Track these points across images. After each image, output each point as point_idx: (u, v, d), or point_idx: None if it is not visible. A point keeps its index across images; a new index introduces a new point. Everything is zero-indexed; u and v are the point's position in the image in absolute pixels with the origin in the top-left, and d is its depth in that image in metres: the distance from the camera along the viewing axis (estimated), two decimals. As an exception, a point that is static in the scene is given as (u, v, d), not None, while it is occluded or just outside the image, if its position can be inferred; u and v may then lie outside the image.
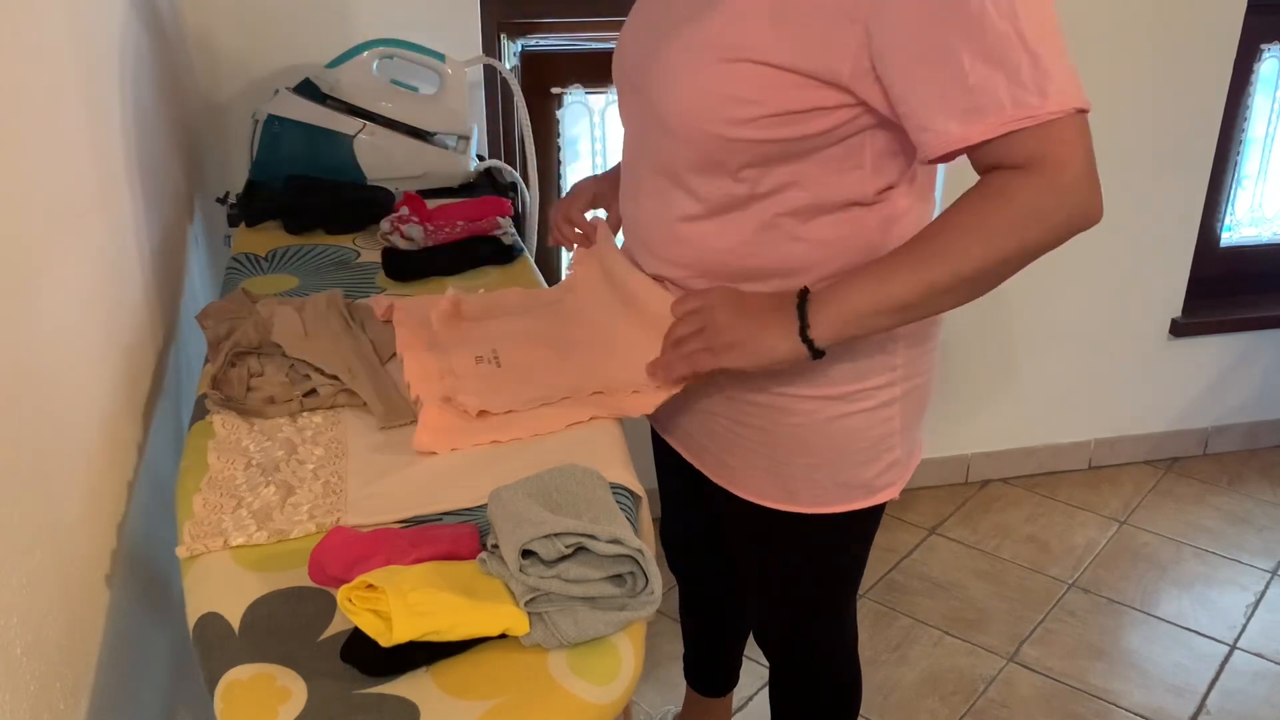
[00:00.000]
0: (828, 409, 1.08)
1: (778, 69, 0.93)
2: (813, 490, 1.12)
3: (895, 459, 1.14)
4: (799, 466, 1.11)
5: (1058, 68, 0.88)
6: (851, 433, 1.09)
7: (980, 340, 2.50)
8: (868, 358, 1.06)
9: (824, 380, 1.06)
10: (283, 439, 1.01)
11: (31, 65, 0.89)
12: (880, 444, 1.11)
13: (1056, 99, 0.87)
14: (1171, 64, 2.33)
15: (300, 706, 0.71)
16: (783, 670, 1.38)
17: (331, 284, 1.35)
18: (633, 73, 1.06)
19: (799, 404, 1.08)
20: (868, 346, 1.05)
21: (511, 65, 2.05)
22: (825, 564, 1.22)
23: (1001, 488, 2.65)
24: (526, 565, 0.76)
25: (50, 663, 0.78)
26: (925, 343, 1.12)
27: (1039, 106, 0.87)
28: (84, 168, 1.04)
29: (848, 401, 1.08)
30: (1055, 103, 0.87)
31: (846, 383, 1.07)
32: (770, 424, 1.10)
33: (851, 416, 1.08)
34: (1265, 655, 2.08)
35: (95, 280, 1.03)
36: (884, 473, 1.13)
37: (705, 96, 0.96)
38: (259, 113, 1.66)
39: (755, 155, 0.98)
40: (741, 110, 0.95)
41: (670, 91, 0.98)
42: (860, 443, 1.10)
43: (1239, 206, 2.68)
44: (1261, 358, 2.73)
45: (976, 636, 2.12)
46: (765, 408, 1.09)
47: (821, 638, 1.32)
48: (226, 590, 0.81)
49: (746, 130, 0.96)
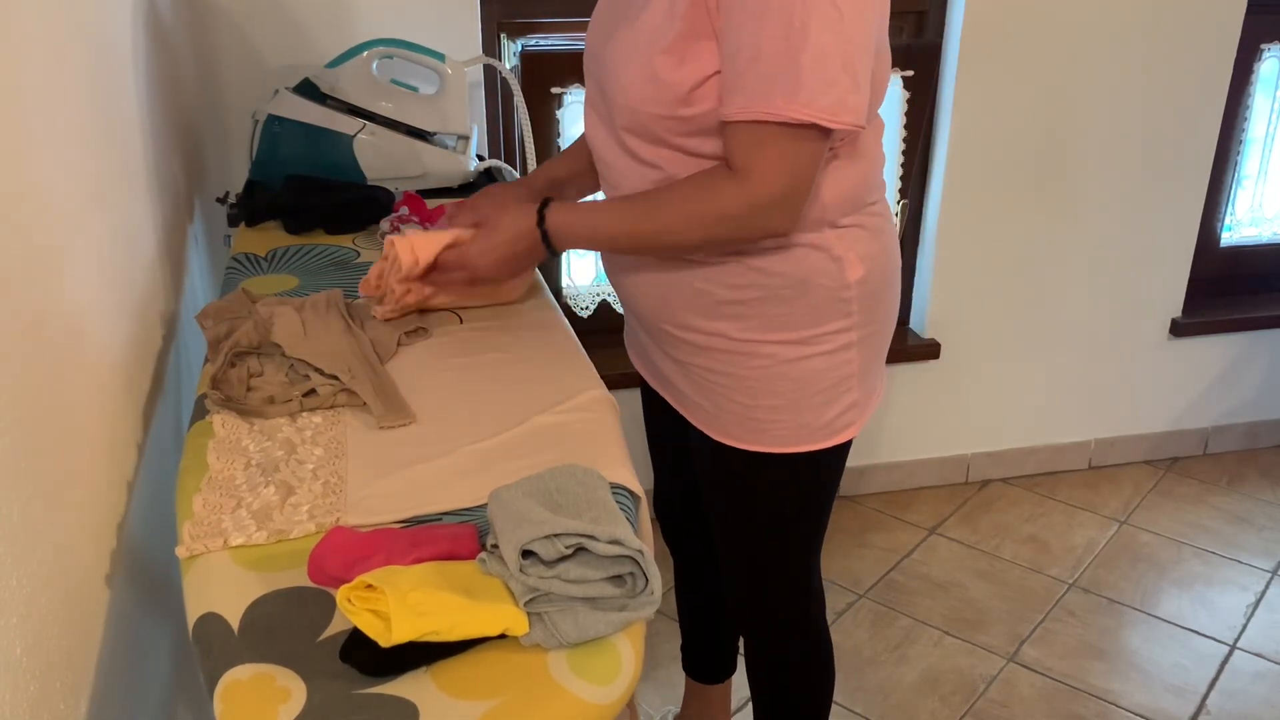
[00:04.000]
0: (789, 351, 1.17)
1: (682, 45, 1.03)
2: (778, 430, 1.20)
3: (854, 400, 1.22)
4: (765, 408, 1.19)
5: (820, 79, 0.97)
6: (813, 374, 1.18)
7: (980, 340, 2.50)
8: (826, 306, 1.15)
9: (786, 325, 1.16)
10: (282, 439, 1.01)
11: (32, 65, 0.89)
12: (839, 386, 1.20)
13: (798, 108, 0.97)
14: (1171, 64, 2.33)
15: (300, 706, 0.71)
16: (752, 637, 1.42)
17: (331, 284, 1.35)
18: (592, 64, 1.18)
19: (764, 348, 1.17)
20: (825, 296, 1.15)
21: (511, 65, 2.05)
22: (789, 505, 1.28)
23: (1001, 488, 2.65)
24: (526, 565, 0.76)
25: (50, 663, 0.78)
26: (881, 294, 1.20)
27: (780, 109, 0.98)
28: (84, 167, 1.04)
29: (807, 345, 1.17)
30: (792, 109, 0.98)
31: (806, 328, 1.16)
32: (739, 368, 1.19)
33: (812, 359, 1.17)
34: (1265, 655, 2.08)
35: (95, 280, 1.03)
36: (843, 413, 1.22)
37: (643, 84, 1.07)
38: (259, 113, 1.66)
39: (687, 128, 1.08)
40: (665, 92, 1.05)
41: (619, 82, 1.09)
42: (821, 384, 1.19)
43: (1239, 206, 2.68)
44: (1261, 358, 2.73)
45: (976, 636, 2.12)
46: (734, 354, 1.18)
47: (787, 594, 1.36)
48: (226, 590, 0.81)
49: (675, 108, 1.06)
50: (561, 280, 2.28)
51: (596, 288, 2.31)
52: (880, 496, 2.59)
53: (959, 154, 2.31)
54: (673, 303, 1.20)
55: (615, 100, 1.11)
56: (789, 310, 1.15)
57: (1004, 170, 2.35)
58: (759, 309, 1.15)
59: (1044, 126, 2.32)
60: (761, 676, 1.44)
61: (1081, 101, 2.32)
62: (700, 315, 1.18)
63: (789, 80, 0.97)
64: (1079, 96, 2.31)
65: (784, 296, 1.14)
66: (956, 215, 2.37)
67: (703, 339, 1.19)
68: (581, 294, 2.31)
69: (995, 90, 2.27)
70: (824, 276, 1.14)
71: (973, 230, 2.39)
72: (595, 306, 2.31)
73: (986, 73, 2.25)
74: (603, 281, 2.32)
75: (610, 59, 1.11)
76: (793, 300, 1.14)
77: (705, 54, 1.03)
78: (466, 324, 1.27)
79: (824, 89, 0.97)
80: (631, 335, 1.38)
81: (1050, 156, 2.36)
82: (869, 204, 1.17)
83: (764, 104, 0.98)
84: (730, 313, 1.16)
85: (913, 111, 2.29)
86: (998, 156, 2.33)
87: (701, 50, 1.03)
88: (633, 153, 1.13)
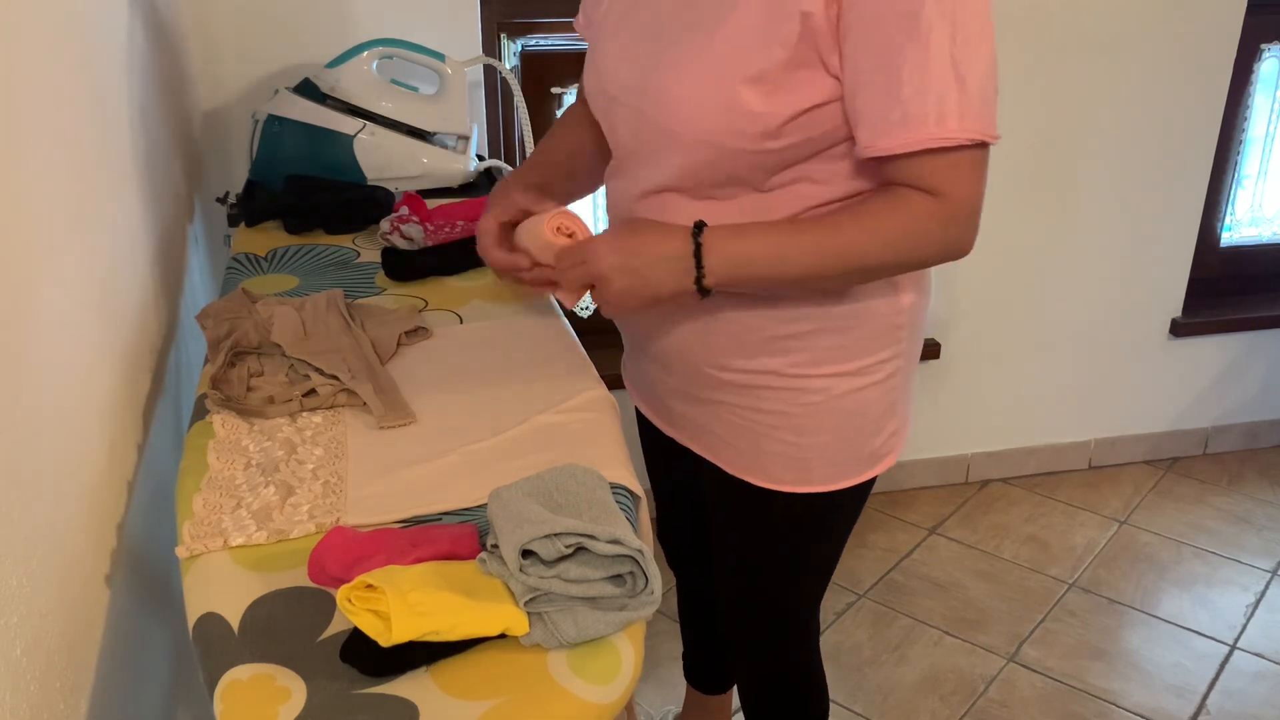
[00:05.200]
0: (843, 384, 1.10)
1: (779, 74, 0.94)
2: (828, 467, 1.14)
3: (896, 427, 1.17)
4: (814, 445, 1.12)
5: (979, 98, 0.93)
6: (864, 405, 1.12)
7: (980, 340, 2.50)
8: (880, 334, 1.09)
9: (842, 356, 1.09)
10: (282, 439, 1.01)
11: (31, 65, 0.89)
12: (887, 414, 1.15)
13: (970, 127, 0.93)
14: (1171, 64, 2.33)
15: (300, 706, 0.71)
16: (749, 673, 1.39)
17: (331, 284, 1.35)
18: (633, 96, 1.05)
19: (815, 382, 1.09)
20: (880, 324, 1.09)
21: (511, 65, 2.05)
22: (815, 544, 1.24)
23: (1001, 488, 2.65)
24: (526, 565, 0.76)
25: (50, 663, 0.78)
26: (922, 316, 1.15)
27: (955, 131, 0.92)
28: (84, 168, 1.04)
29: (861, 375, 1.10)
30: (967, 131, 0.93)
31: (860, 358, 1.09)
32: (786, 405, 1.11)
33: (865, 390, 1.11)
34: (1265, 655, 2.08)
35: (95, 280, 1.03)
36: (887, 440, 1.16)
37: (718, 114, 0.97)
38: (259, 113, 1.66)
39: (769, 162, 0.99)
40: (754, 124, 0.96)
41: (681, 111, 0.99)
42: (872, 413, 1.13)
43: (1239, 206, 2.68)
44: (1261, 358, 2.73)
45: (976, 636, 2.12)
46: (783, 390, 1.10)
47: (790, 633, 1.33)
48: (226, 590, 0.81)
49: (760, 142, 0.97)
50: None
51: (596, 288, 2.31)
52: (880, 496, 2.59)
53: (959, 154, 2.31)
54: (715, 344, 1.11)
55: (676, 135, 1.00)
56: (843, 341, 1.08)
57: (1004, 170, 2.35)
58: (810, 342, 1.08)
59: (1044, 126, 2.32)
60: (757, 706, 1.40)
61: (1081, 101, 2.31)
62: (743, 354, 1.10)
63: (962, 96, 0.92)
64: (1079, 96, 2.31)
65: (838, 327, 1.08)
66: (956, 215, 2.37)
67: (745, 378, 1.11)
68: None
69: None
70: (880, 304, 1.08)
71: (973, 230, 2.39)
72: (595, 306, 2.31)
73: (986, 73, 2.24)
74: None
75: (666, 86, 0.99)
76: (848, 331, 1.08)
77: (806, 85, 0.95)
78: (466, 324, 1.27)
79: (981, 107, 0.94)
80: (639, 375, 1.29)
81: (1050, 156, 2.36)
82: None
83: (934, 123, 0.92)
84: (777, 348, 1.09)
85: (913, 111, 2.28)
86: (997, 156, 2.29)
87: (802, 81, 0.95)
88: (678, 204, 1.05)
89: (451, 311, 1.30)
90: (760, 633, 1.33)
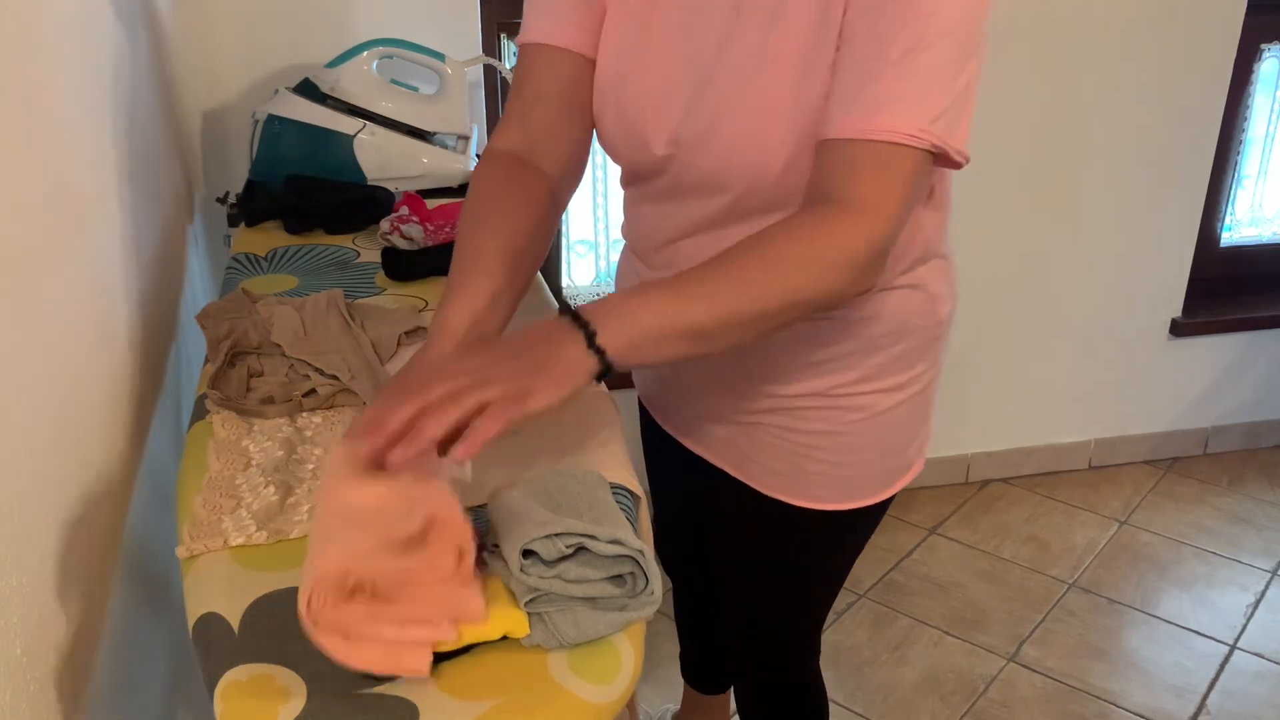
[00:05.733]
0: (884, 400, 1.08)
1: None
2: (867, 482, 1.12)
3: (925, 435, 1.17)
4: (855, 463, 1.10)
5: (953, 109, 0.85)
6: (903, 418, 1.11)
7: (981, 340, 2.50)
8: (921, 347, 1.08)
9: (884, 373, 1.07)
10: (283, 439, 1.01)
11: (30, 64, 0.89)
12: (920, 425, 1.14)
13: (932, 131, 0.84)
14: (1171, 64, 2.33)
15: (300, 706, 0.71)
16: (750, 687, 1.38)
17: (331, 284, 1.34)
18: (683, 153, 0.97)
19: (857, 399, 1.07)
20: (921, 338, 1.07)
21: (511, 65, 2.05)
22: (850, 556, 1.23)
23: (1001, 488, 2.65)
24: (527, 565, 0.76)
25: (50, 663, 0.78)
26: (952, 326, 1.14)
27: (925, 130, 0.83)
28: (84, 168, 1.04)
29: (901, 390, 1.09)
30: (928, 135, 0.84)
31: (901, 372, 1.07)
32: (831, 424, 1.08)
33: (905, 404, 1.10)
34: (1265, 655, 2.08)
35: (95, 280, 1.03)
36: (919, 450, 1.16)
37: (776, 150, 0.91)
38: (259, 113, 1.66)
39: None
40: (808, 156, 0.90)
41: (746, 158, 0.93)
42: (909, 426, 1.12)
43: (1239, 206, 2.68)
44: (1261, 358, 2.73)
45: (976, 636, 2.12)
46: (826, 410, 1.07)
47: (795, 650, 1.32)
48: (226, 590, 0.81)
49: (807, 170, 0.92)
50: (561, 280, 2.28)
51: (596, 288, 2.31)
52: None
53: (959, 154, 2.31)
54: (754, 372, 1.07)
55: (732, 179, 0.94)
56: (886, 358, 1.05)
57: (1004, 170, 2.35)
58: (853, 362, 1.05)
59: (1044, 126, 2.32)
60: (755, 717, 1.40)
61: (1081, 101, 2.31)
62: (784, 381, 1.06)
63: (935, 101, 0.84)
64: (1079, 96, 2.31)
65: (882, 345, 1.05)
66: (956, 215, 2.35)
67: (786, 401, 1.08)
68: (582, 294, 2.31)
69: (995, 90, 2.27)
70: (921, 317, 1.06)
71: (973, 230, 2.39)
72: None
73: (987, 73, 2.23)
74: (603, 281, 2.31)
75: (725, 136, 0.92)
76: (890, 347, 1.05)
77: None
78: (466, 324, 1.27)
79: (956, 118, 0.85)
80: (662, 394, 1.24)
81: (1050, 156, 2.36)
82: (947, 230, 1.11)
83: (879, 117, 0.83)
84: (818, 372, 1.05)
85: (913, 111, 2.28)
86: (997, 156, 2.33)
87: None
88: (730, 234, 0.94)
89: (451, 311, 1.29)
90: (766, 650, 1.32)
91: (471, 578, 0.73)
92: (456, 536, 0.71)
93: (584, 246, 2.29)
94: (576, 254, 2.27)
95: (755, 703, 1.39)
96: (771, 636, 1.31)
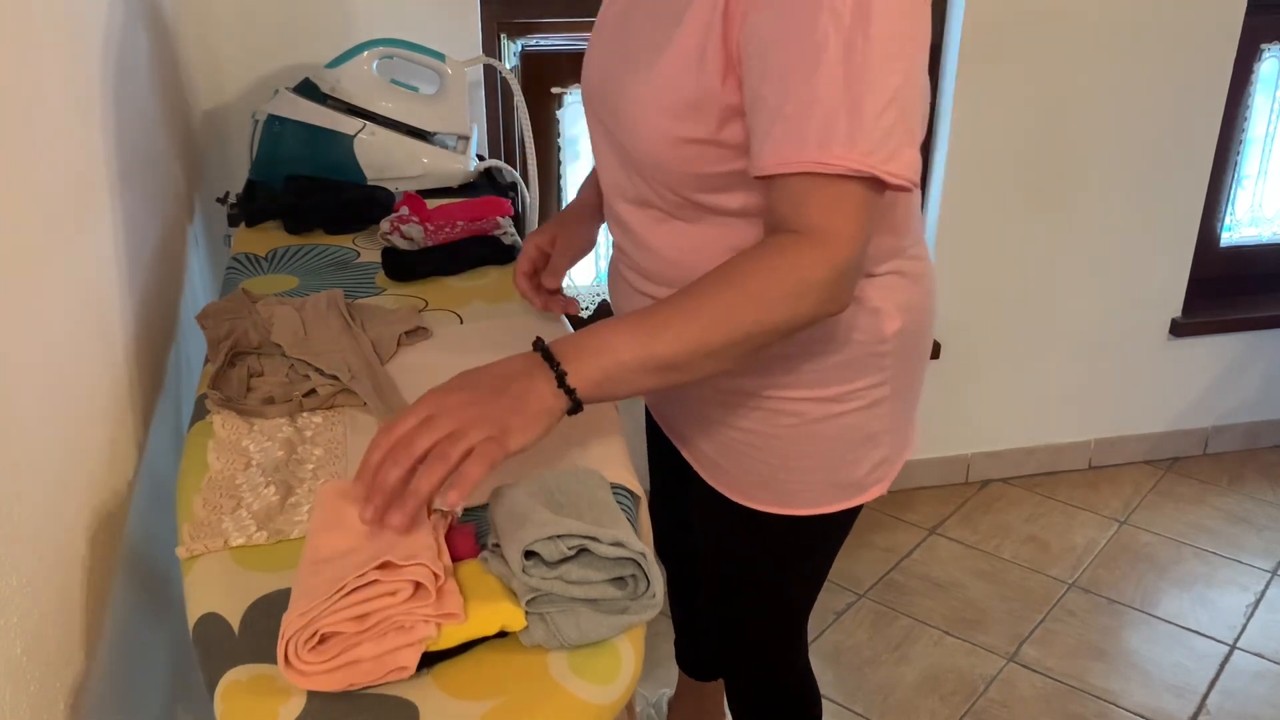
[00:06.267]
0: (819, 409, 1.08)
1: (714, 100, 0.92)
2: (808, 492, 1.13)
3: (884, 456, 1.15)
4: (794, 470, 1.11)
5: (876, 126, 0.84)
6: (843, 431, 1.10)
7: (980, 340, 2.50)
8: (860, 361, 1.07)
9: (816, 382, 1.07)
10: (283, 439, 1.01)
11: (31, 64, 0.89)
12: (870, 441, 1.12)
13: (856, 157, 0.84)
14: (1171, 64, 2.33)
15: (300, 707, 0.71)
16: (737, 685, 1.38)
17: (331, 284, 1.34)
18: (598, 106, 1.06)
19: (792, 405, 1.08)
20: (859, 352, 1.06)
21: (511, 65, 2.05)
22: (806, 564, 1.23)
23: (1001, 488, 2.65)
24: (529, 566, 0.76)
25: (50, 663, 0.78)
26: (918, 344, 1.12)
27: (838, 159, 0.84)
28: (84, 167, 1.04)
29: (839, 402, 1.08)
30: (851, 161, 0.84)
31: (838, 384, 1.07)
32: (764, 426, 1.10)
33: (844, 416, 1.09)
34: (1265, 655, 2.08)
35: (95, 280, 1.03)
36: (874, 470, 1.15)
37: (664, 140, 0.96)
38: (259, 113, 1.66)
39: (717, 183, 0.98)
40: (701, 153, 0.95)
41: (634, 133, 0.99)
42: (852, 441, 1.11)
43: (1239, 206, 2.68)
44: (1261, 358, 2.73)
45: (976, 636, 2.12)
46: (760, 411, 1.09)
47: (777, 649, 1.32)
48: (226, 590, 0.81)
49: (703, 166, 0.97)
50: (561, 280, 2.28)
51: (597, 287, 2.31)
52: (880, 496, 2.59)
53: (959, 154, 2.31)
54: None
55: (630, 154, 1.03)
56: (821, 367, 1.06)
57: (1004, 170, 2.35)
58: (788, 365, 1.06)
59: (1044, 127, 2.32)
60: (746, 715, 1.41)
61: (1081, 102, 2.31)
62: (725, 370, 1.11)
63: (850, 125, 0.84)
64: (1079, 97, 2.31)
65: (815, 353, 1.05)
66: (956, 215, 2.37)
67: (724, 397, 1.11)
68: (581, 294, 2.31)
69: (995, 91, 2.27)
70: (860, 332, 1.05)
71: (973, 230, 2.39)
72: (595, 306, 2.31)
73: (986, 73, 2.25)
74: (603, 281, 2.32)
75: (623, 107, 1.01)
76: (825, 357, 1.05)
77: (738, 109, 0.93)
78: (466, 324, 1.27)
79: (885, 136, 0.84)
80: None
81: (1050, 156, 2.36)
82: (906, 246, 1.07)
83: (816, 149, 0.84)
84: (757, 369, 1.07)
85: (913, 111, 2.28)
86: (997, 156, 2.33)
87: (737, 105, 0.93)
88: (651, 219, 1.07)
89: (451, 311, 1.30)
90: (746, 649, 1.33)
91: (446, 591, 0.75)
92: (415, 575, 0.73)
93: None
94: (576, 254, 2.27)
95: (742, 699, 1.39)
96: (747, 635, 1.31)
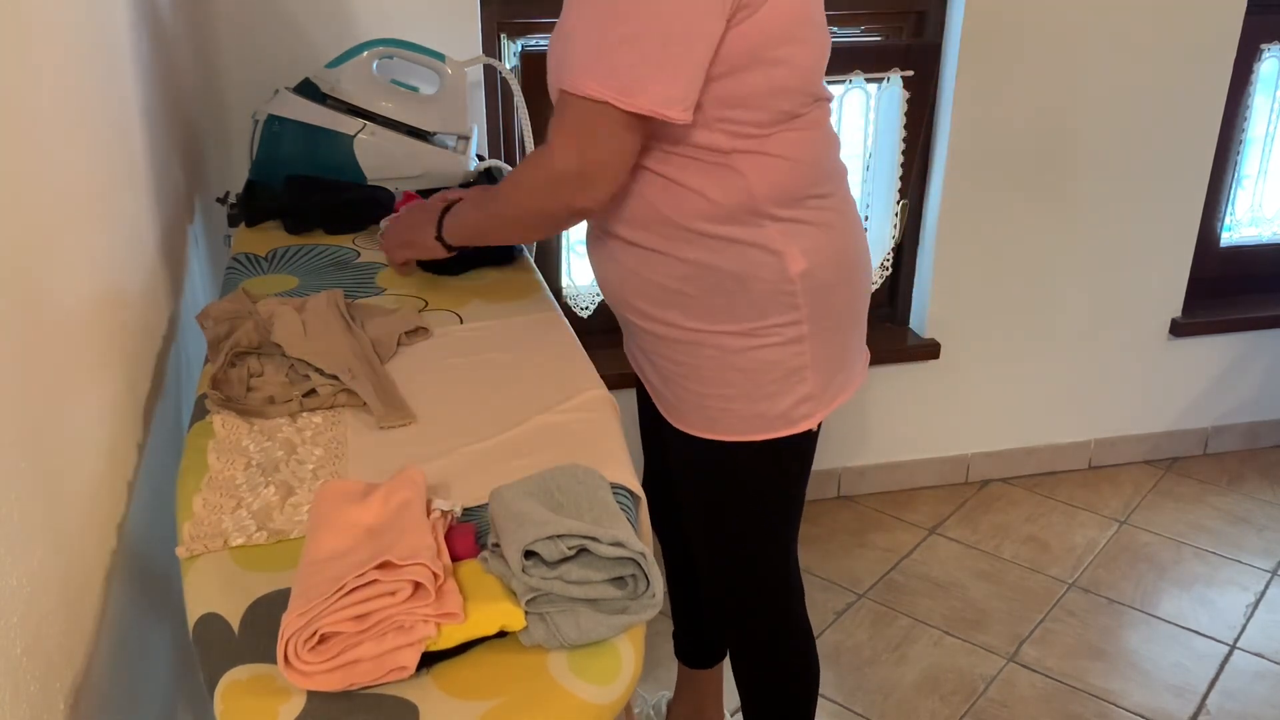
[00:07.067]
0: (735, 342, 1.19)
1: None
2: (731, 419, 1.23)
3: (809, 393, 1.23)
4: (717, 397, 1.23)
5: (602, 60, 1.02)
6: (762, 365, 1.20)
7: (980, 340, 2.50)
8: (769, 299, 1.17)
9: (729, 317, 1.18)
10: (283, 439, 1.01)
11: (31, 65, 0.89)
12: (792, 377, 1.22)
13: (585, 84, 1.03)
14: (1171, 64, 2.33)
15: (300, 706, 0.71)
16: (731, 630, 1.43)
17: (331, 284, 1.35)
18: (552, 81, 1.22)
19: (711, 338, 1.20)
20: (766, 289, 1.17)
21: (511, 65, 2.05)
22: (751, 494, 1.30)
23: (1001, 488, 2.65)
24: (529, 566, 0.76)
25: (50, 663, 0.78)
26: (834, 288, 1.21)
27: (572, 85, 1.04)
28: (84, 168, 1.04)
29: (753, 336, 1.19)
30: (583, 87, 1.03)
31: (750, 320, 1.18)
32: (691, 357, 1.22)
33: (760, 350, 1.19)
34: (1265, 655, 2.08)
35: (95, 280, 1.03)
36: (799, 404, 1.23)
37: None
38: (259, 113, 1.66)
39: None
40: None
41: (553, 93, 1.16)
42: (771, 374, 1.21)
43: (1239, 206, 2.68)
44: (1261, 358, 2.73)
45: (976, 636, 2.12)
46: (685, 343, 1.22)
47: (761, 587, 1.37)
48: (226, 590, 0.81)
49: None
50: (561, 280, 2.28)
51: (597, 287, 2.31)
52: (880, 496, 2.59)
53: (959, 154, 2.31)
54: (629, 289, 1.23)
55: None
56: (731, 303, 1.17)
57: (1004, 170, 2.35)
58: (704, 300, 1.18)
59: (1044, 127, 2.33)
60: (743, 669, 1.45)
61: (1081, 101, 2.32)
62: (653, 303, 1.21)
63: (590, 56, 1.03)
64: (1079, 97, 2.31)
65: (726, 289, 1.17)
66: (956, 215, 2.37)
67: (660, 328, 1.23)
68: (581, 294, 2.31)
69: (995, 90, 2.27)
70: (764, 270, 1.16)
71: (973, 230, 2.39)
72: (595, 306, 2.31)
73: (986, 73, 2.25)
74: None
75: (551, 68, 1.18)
76: (734, 294, 1.17)
77: None
78: (466, 324, 1.27)
79: (628, 68, 1.01)
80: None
81: (1050, 156, 2.36)
82: (813, 196, 1.18)
83: (567, 76, 1.04)
84: (679, 302, 1.19)
85: (912, 112, 2.28)
86: (997, 157, 2.33)
87: None
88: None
89: (451, 311, 1.30)
90: (726, 580, 1.38)
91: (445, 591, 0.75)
92: (415, 575, 0.73)
93: (584, 247, 2.29)
94: (576, 254, 2.27)
95: (740, 655, 1.44)
96: (729, 568, 1.36)
